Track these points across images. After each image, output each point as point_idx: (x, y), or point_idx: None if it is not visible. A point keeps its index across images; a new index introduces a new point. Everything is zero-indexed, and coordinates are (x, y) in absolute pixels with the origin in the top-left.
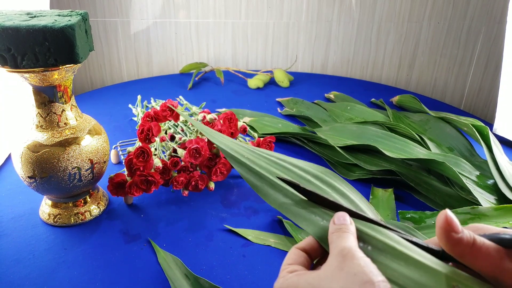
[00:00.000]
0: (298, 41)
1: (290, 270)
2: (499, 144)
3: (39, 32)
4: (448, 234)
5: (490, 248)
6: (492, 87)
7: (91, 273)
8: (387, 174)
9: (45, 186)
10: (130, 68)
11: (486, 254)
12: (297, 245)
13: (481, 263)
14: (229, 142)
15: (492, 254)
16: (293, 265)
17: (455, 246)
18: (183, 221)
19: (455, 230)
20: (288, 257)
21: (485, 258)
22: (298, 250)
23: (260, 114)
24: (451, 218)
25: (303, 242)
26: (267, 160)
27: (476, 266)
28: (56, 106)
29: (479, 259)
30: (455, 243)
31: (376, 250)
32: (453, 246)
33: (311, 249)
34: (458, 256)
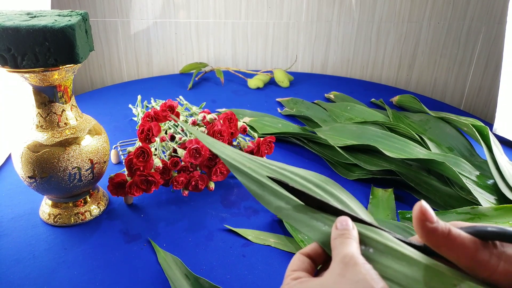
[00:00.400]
0: (298, 41)
1: (294, 277)
2: (499, 144)
3: (39, 32)
4: (423, 224)
5: (466, 239)
6: (492, 87)
7: (91, 273)
8: (387, 174)
9: (45, 186)
10: (130, 68)
11: (461, 244)
12: (302, 251)
13: (457, 253)
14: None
15: (467, 244)
16: (297, 272)
17: (430, 235)
18: (183, 221)
19: (429, 219)
20: (292, 263)
21: (460, 248)
22: (302, 256)
23: (260, 114)
24: (425, 208)
25: (307, 247)
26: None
27: (452, 257)
28: (56, 106)
29: (454, 249)
30: (430, 233)
31: (378, 252)
32: (428, 235)
33: (315, 255)
34: (434, 247)
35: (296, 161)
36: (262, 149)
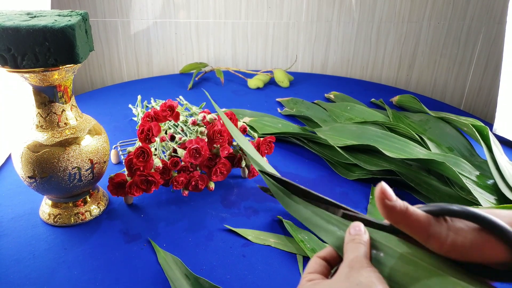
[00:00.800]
0: (298, 41)
1: (308, 279)
2: (499, 144)
3: (39, 32)
4: (383, 202)
5: (420, 215)
6: (492, 87)
7: (91, 273)
8: (387, 174)
9: (45, 186)
10: (130, 68)
11: (416, 220)
12: (318, 254)
13: (413, 228)
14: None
15: (422, 220)
16: (312, 274)
17: (390, 212)
18: (183, 221)
19: (388, 198)
20: (308, 265)
21: (415, 223)
22: (318, 259)
23: (260, 114)
24: (385, 188)
25: (323, 250)
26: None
27: (410, 231)
28: (56, 106)
29: (411, 224)
30: (389, 210)
31: (388, 256)
32: (388, 213)
33: (330, 258)
34: (394, 223)
35: (296, 161)
36: (262, 149)
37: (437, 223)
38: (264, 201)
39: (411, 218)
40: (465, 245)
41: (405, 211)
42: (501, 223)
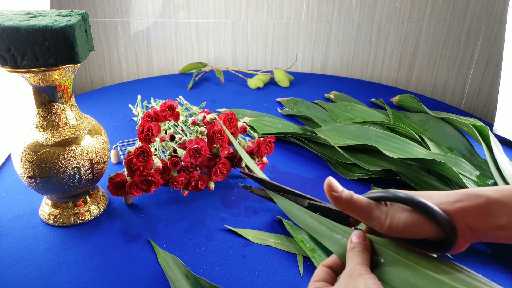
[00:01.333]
0: (298, 41)
1: (315, 287)
2: (499, 144)
3: (39, 32)
4: (330, 194)
5: (364, 202)
6: (492, 87)
7: (91, 273)
8: (387, 174)
9: (45, 186)
10: (130, 68)
11: (360, 206)
12: (324, 262)
13: (357, 213)
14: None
15: (365, 206)
16: (318, 282)
17: (337, 202)
18: (183, 221)
19: (334, 190)
20: (314, 274)
21: (359, 209)
22: (323, 267)
23: (260, 114)
24: (331, 181)
25: (328, 259)
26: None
27: (356, 215)
28: (56, 106)
29: (356, 210)
30: (336, 200)
31: (388, 262)
32: (336, 202)
33: (335, 266)
34: (341, 209)
35: (296, 161)
36: (262, 149)
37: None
38: (264, 201)
39: (355, 205)
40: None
41: (350, 199)
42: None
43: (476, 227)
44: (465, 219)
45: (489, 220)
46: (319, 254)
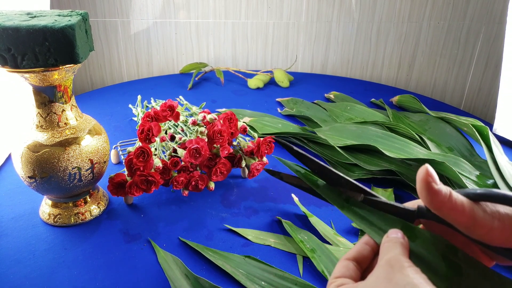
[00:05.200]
0: (298, 41)
1: (337, 284)
2: (499, 144)
3: (39, 32)
4: (429, 185)
5: (464, 201)
6: (492, 87)
7: (91, 273)
8: (387, 174)
9: (45, 186)
10: (130, 68)
11: (461, 205)
12: (346, 256)
13: (457, 213)
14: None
15: (466, 205)
16: (340, 278)
17: (435, 196)
18: (183, 221)
19: (435, 181)
20: (336, 270)
21: (460, 209)
22: (346, 261)
23: (260, 114)
24: (431, 171)
25: (352, 251)
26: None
27: (452, 217)
28: (56, 106)
29: (455, 209)
30: (434, 194)
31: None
32: (432, 197)
33: (361, 258)
34: (436, 208)
35: (296, 161)
36: (262, 149)
37: (480, 209)
38: (264, 201)
39: (456, 203)
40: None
41: (450, 196)
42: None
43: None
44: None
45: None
46: (318, 254)
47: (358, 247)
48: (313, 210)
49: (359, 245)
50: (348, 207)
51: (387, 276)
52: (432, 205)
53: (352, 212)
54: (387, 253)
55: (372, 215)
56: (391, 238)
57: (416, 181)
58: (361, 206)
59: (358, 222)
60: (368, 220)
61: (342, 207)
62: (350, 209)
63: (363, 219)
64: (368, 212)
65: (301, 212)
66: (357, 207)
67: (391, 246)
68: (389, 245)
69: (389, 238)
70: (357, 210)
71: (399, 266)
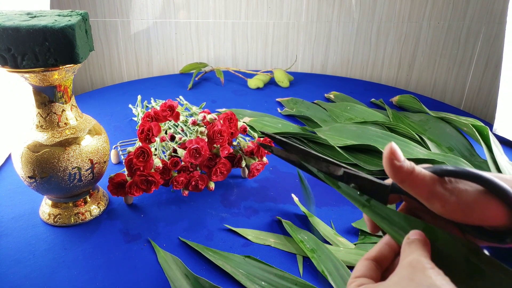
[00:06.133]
0: (298, 41)
1: (358, 284)
2: (499, 144)
3: (39, 32)
4: (392, 162)
5: (426, 176)
6: (492, 87)
7: (91, 273)
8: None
9: (45, 186)
10: (130, 68)
11: (422, 180)
12: (367, 256)
13: (417, 188)
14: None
15: (427, 180)
16: (360, 278)
17: (397, 172)
18: (183, 221)
19: (397, 158)
20: (356, 269)
21: (420, 183)
22: (367, 261)
23: (260, 114)
24: (394, 149)
25: (372, 251)
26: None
27: (414, 191)
28: (56, 106)
29: (416, 184)
30: (397, 170)
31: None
32: (395, 172)
33: (382, 257)
34: (399, 182)
35: None
36: (262, 149)
37: (441, 183)
38: (264, 201)
39: (417, 178)
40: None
41: (412, 171)
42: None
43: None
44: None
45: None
46: (318, 254)
47: (379, 247)
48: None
49: (380, 245)
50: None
51: (409, 277)
52: (395, 180)
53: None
54: (409, 255)
55: (393, 215)
56: (413, 240)
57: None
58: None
59: (378, 221)
60: (389, 220)
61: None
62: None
63: (384, 219)
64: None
65: (301, 212)
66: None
67: (412, 248)
68: (411, 247)
69: (410, 240)
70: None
71: (421, 267)
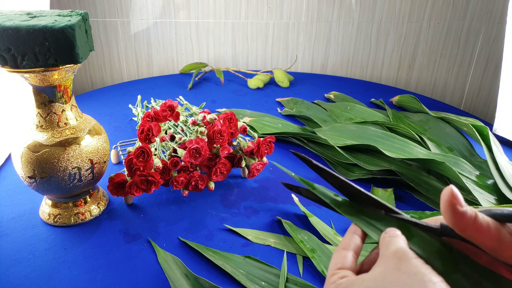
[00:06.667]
0: (298, 41)
1: (341, 276)
2: (499, 144)
3: (39, 32)
4: (454, 208)
5: (490, 222)
6: (492, 87)
7: (91, 273)
8: (387, 174)
9: (45, 186)
10: (130, 68)
11: (487, 227)
12: (344, 246)
13: (482, 235)
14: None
15: (492, 227)
16: (342, 270)
17: (460, 219)
18: (183, 221)
19: (460, 203)
20: (336, 261)
21: (485, 231)
22: (345, 251)
23: (260, 114)
24: (456, 193)
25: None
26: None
27: (477, 239)
28: (56, 106)
29: (480, 231)
30: (460, 216)
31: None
32: (458, 219)
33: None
34: (461, 230)
35: (296, 161)
36: (262, 149)
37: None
38: (264, 201)
39: (482, 225)
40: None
41: (475, 218)
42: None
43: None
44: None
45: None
46: (318, 254)
47: (350, 238)
48: (313, 210)
49: (350, 235)
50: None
51: (395, 266)
52: (456, 227)
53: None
54: (391, 246)
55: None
56: (393, 234)
57: (440, 202)
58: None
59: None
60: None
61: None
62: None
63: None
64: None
65: (301, 212)
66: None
67: (393, 240)
68: (391, 240)
69: (389, 234)
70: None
71: (406, 257)
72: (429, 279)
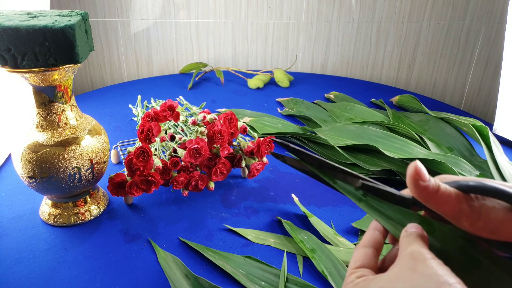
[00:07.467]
0: (298, 41)
1: (359, 275)
2: (499, 144)
3: (39, 32)
4: (417, 182)
5: (452, 194)
6: (492, 87)
7: (91, 273)
8: (387, 174)
9: (45, 186)
10: (130, 68)
11: (448, 198)
12: (364, 243)
13: (443, 206)
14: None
15: (453, 198)
16: (361, 269)
17: (422, 192)
18: (183, 221)
19: (422, 178)
20: (355, 258)
21: (447, 202)
22: (366, 249)
23: (260, 114)
24: (419, 168)
25: (368, 238)
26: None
27: (440, 209)
28: (56, 106)
29: (442, 203)
30: (422, 190)
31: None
32: (420, 192)
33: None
34: (424, 201)
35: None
36: (262, 149)
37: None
38: (264, 201)
39: (443, 196)
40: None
41: (437, 190)
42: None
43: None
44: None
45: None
46: (318, 254)
47: (371, 234)
48: (313, 210)
49: (371, 232)
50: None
51: (411, 267)
52: (420, 199)
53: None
54: (408, 246)
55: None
56: (411, 232)
57: (406, 176)
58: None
59: (375, 216)
60: (385, 214)
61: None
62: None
63: (381, 213)
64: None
65: (301, 212)
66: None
67: (411, 240)
68: (409, 239)
69: (408, 232)
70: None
71: (422, 258)
72: (444, 280)
